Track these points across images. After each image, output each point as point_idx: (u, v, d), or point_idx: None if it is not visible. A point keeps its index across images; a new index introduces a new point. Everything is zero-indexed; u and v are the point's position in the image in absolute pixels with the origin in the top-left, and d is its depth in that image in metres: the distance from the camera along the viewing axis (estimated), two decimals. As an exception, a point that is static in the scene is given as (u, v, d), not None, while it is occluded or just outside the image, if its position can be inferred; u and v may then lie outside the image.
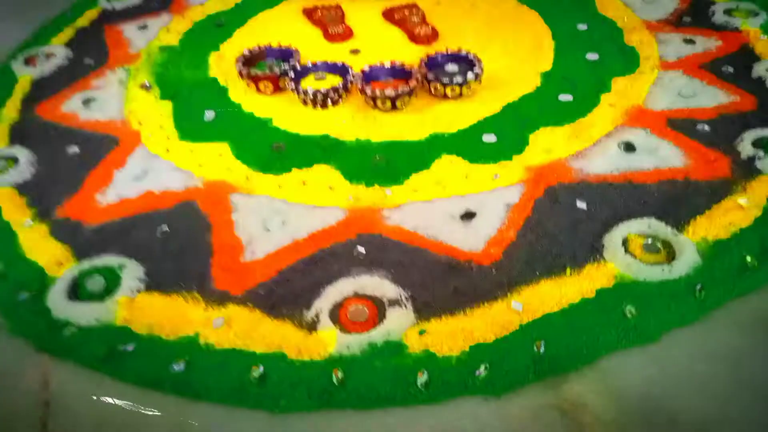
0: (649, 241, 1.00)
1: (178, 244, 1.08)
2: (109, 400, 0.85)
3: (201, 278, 1.01)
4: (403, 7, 1.70)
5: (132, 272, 1.02)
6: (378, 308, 0.93)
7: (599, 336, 0.88)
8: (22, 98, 1.49)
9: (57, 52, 1.65)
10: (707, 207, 1.06)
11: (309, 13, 1.73)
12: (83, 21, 1.80)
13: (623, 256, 0.97)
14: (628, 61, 1.44)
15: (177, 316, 0.95)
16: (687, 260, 0.96)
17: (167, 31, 1.71)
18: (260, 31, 1.68)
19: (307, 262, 1.03)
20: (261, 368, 0.86)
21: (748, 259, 0.96)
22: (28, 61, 1.62)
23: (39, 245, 1.09)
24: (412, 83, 1.34)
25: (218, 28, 1.71)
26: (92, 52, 1.65)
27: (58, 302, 0.98)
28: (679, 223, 1.03)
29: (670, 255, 0.98)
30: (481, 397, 0.82)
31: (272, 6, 1.79)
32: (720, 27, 1.55)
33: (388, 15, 1.69)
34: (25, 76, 1.57)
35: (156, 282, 1.01)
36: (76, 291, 1.00)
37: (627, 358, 0.85)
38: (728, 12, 1.60)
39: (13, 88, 1.53)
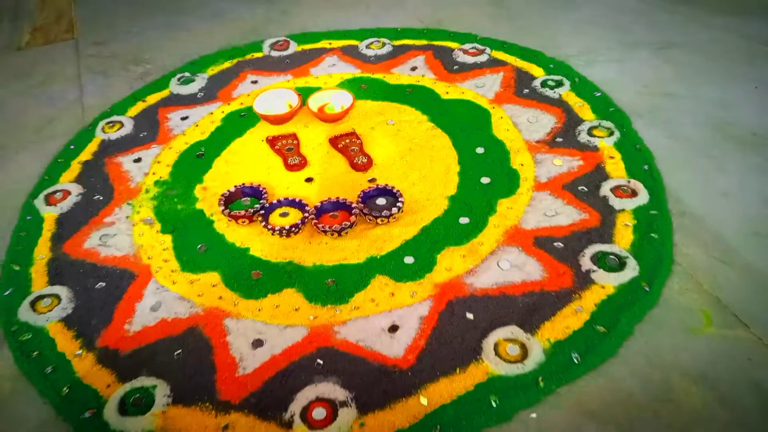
0: (511, 345, 1.49)
1: (190, 364, 1.53)
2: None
3: (210, 392, 1.46)
4: (345, 135, 2.17)
5: (161, 390, 1.46)
6: (333, 408, 1.40)
7: (474, 419, 1.35)
8: (51, 237, 1.92)
9: (71, 189, 2.06)
10: (553, 314, 1.55)
11: (271, 143, 2.18)
12: (86, 154, 2.23)
13: (494, 358, 1.46)
14: (511, 184, 1.92)
15: (197, 423, 1.40)
16: (535, 358, 1.45)
17: (158, 163, 2.15)
18: (234, 161, 2.13)
19: (282, 374, 1.49)
20: (258, 458, 1.33)
21: (574, 355, 1.46)
22: (49, 200, 2.04)
23: (90, 372, 1.52)
24: (353, 218, 1.81)
25: (199, 159, 2.16)
26: (99, 188, 2.07)
27: (112, 417, 1.42)
28: (533, 328, 1.52)
29: (524, 354, 1.47)
30: (399, 469, 1.30)
31: (241, 134, 2.24)
32: (583, 146, 2.04)
33: (333, 142, 2.16)
34: (50, 214, 1.99)
35: (178, 397, 1.46)
36: (125, 407, 1.44)
37: (491, 432, 1.34)
38: (590, 131, 2.10)
39: (42, 227, 1.95)
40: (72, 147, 2.27)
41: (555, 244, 1.72)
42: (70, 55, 2.92)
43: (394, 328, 1.56)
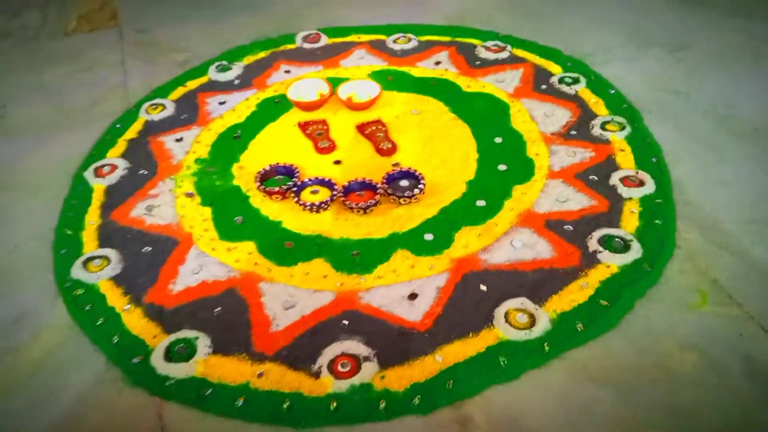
0: (520, 314, 1.63)
1: (229, 320, 1.68)
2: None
3: (246, 344, 1.61)
4: (371, 123, 2.32)
5: (203, 342, 1.62)
6: (357, 362, 1.55)
7: (484, 376, 1.49)
8: (100, 205, 2.09)
9: (117, 163, 2.24)
10: (560, 288, 1.68)
11: (303, 127, 2.34)
12: (131, 133, 2.40)
13: (504, 324, 1.60)
14: (527, 171, 2.06)
15: (235, 370, 1.55)
16: (542, 326, 1.58)
17: (198, 143, 2.32)
18: (268, 143, 2.29)
19: (312, 331, 1.64)
20: (288, 402, 1.48)
21: (578, 325, 1.59)
22: (97, 173, 2.21)
23: (138, 324, 1.69)
24: (377, 197, 1.96)
25: (236, 140, 2.32)
26: (144, 163, 2.24)
27: (158, 363, 1.58)
28: (541, 300, 1.65)
29: (532, 322, 1.61)
30: (415, 416, 1.44)
31: (275, 119, 2.40)
32: (596, 139, 2.18)
33: (361, 129, 2.31)
34: (98, 185, 2.16)
35: (218, 347, 1.61)
36: (170, 355, 1.61)
37: (498, 388, 1.48)
38: (603, 125, 2.24)
39: (91, 197, 2.13)
40: (118, 126, 2.44)
41: (565, 227, 1.86)
42: (114, 41, 3.10)
43: (413, 296, 1.70)
